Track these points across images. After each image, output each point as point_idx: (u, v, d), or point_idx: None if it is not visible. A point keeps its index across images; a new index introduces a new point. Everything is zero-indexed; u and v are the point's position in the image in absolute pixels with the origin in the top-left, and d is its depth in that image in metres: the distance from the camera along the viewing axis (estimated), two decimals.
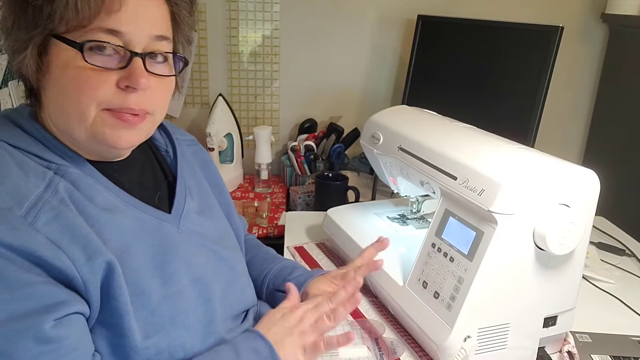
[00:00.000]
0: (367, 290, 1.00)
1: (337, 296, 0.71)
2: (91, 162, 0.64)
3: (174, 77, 0.66)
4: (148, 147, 0.78)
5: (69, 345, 0.53)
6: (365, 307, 0.95)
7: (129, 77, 0.59)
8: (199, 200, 0.78)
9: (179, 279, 0.66)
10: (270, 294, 0.86)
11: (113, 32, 0.58)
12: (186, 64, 0.68)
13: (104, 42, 0.57)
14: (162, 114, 0.67)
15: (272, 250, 0.96)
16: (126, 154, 0.69)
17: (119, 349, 0.58)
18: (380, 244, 0.88)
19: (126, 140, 0.62)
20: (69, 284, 0.55)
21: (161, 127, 0.82)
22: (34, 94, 0.63)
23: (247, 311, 0.81)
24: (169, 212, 0.71)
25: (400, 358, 0.81)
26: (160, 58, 0.63)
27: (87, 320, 0.57)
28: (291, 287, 0.77)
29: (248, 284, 0.82)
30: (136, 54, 0.59)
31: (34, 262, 0.52)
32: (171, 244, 0.67)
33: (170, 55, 0.65)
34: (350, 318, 0.91)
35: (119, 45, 0.58)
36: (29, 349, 0.50)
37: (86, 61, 0.57)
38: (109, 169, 0.66)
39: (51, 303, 0.52)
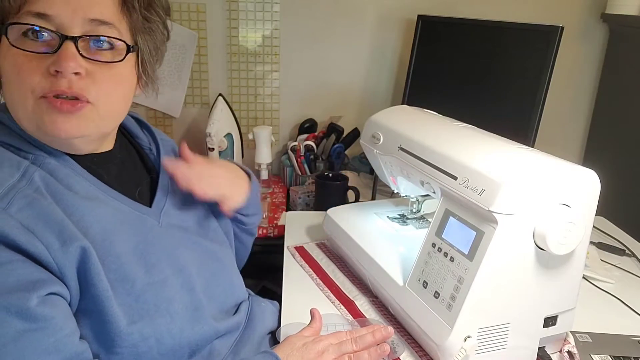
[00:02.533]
0: (367, 290, 1.00)
1: (363, 339, 0.70)
2: (69, 154, 0.64)
3: (122, 65, 0.63)
4: (130, 144, 0.78)
5: (55, 325, 0.53)
6: (365, 307, 0.95)
7: (57, 61, 0.57)
8: (183, 196, 0.78)
9: (162, 269, 0.66)
10: None
11: (42, 15, 0.56)
12: (134, 51, 0.65)
13: (30, 24, 0.56)
14: (111, 105, 0.64)
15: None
16: (86, 147, 0.66)
17: (103, 335, 0.58)
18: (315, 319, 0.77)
19: (64, 129, 0.59)
20: (44, 268, 0.54)
21: (144, 127, 0.83)
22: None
23: (239, 305, 0.81)
24: (150, 207, 0.71)
25: (400, 358, 0.81)
26: (105, 45, 0.61)
27: (69, 305, 0.57)
28: (315, 313, 0.76)
29: (237, 278, 0.83)
30: (67, 37, 0.57)
31: (9, 245, 0.52)
32: (152, 236, 0.68)
33: (121, 43, 0.62)
34: (350, 317, 0.91)
35: (51, 30, 0.57)
36: (13, 326, 0.49)
37: (12, 45, 0.56)
38: (87, 161, 0.66)
39: (32, 280, 0.52)
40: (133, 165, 0.76)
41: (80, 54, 0.59)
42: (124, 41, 0.64)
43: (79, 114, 0.60)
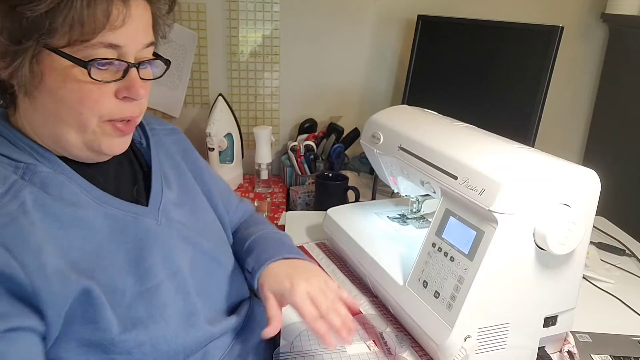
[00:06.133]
0: (367, 290, 1.00)
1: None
2: (64, 159, 0.64)
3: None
4: None
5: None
6: (365, 306, 0.95)
7: (128, 88, 0.60)
8: (179, 190, 0.77)
9: (155, 274, 0.66)
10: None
11: (113, 46, 0.58)
12: (169, 65, 0.69)
13: (108, 58, 0.58)
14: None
15: (270, 228, 0.92)
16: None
17: (95, 342, 0.58)
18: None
19: (119, 147, 0.65)
20: (17, 291, 0.53)
21: None
22: (6, 94, 0.62)
23: (238, 305, 0.80)
24: (147, 205, 0.70)
25: (401, 357, 0.81)
26: (146, 63, 0.63)
27: (46, 334, 0.55)
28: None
29: (236, 276, 0.81)
30: (131, 64, 0.60)
31: None
32: (148, 239, 0.67)
33: (165, 61, 0.66)
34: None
35: (119, 59, 0.59)
36: None
37: (92, 78, 0.57)
38: (83, 165, 0.65)
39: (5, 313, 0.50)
40: (129, 163, 0.75)
41: (139, 77, 0.62)
42: (168, 60, 0.68)
43: (131, 131, 0.65)
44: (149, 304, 0.63)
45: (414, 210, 1.11)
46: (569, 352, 0.84)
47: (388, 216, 1.12)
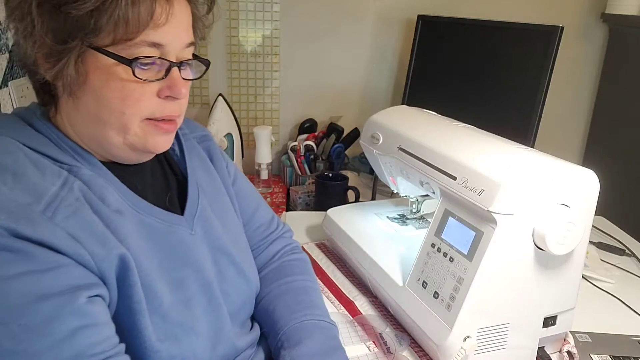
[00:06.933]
0: (367, 290, 1.00)
1: None
2: (104, 163, 0.64)
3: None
4: None
5: (104, 323, 0.54)
6: (365, 307, 0.95)
7: (170, 87, 0.60)
8: (211, 199, 0.75)
9: (188, 286, 0.65)
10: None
11: (156, 45, 0.58)
12: (208, 66, 0.69)
13: (152, 57, 0.58)
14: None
15: (309, 282, 0.83)
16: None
17: (132, 350, 0.58)
18: None
19: (163, 146, 0.64)
20: (91, 273, 0.55)
21: None
22: (47, 94, 0.62)
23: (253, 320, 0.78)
24: (181, 213, 0.69)
25: (402, 354, 0.82)
26: (185, 64, 0.64)
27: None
28: None
29: (256, 289, 0.78)
30: (173, 63, 0.60)
31: (57, 252, 0.52)
32: (182, 249, 0.66)
33: (205, 61, 0.67)
34: (350, 317, 0.91)
35: (161, 58, 0.59)
36: (67, 323, 0.50)
37: (136, 77, 0.57)
38: (121, 171, 0.65)
39: (81, 283, 0.53)
40: (162, 170, 0.74)
41: (182, 77, 0.62)
42: (208, 60, 0.67)
43: (174, 130, 0.65)
44: (182, 316, 0.63)
45: (414, 210, 1.11)
46: (569, 352, 0.84)
47: (388, 216, 1.12)
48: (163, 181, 0.73)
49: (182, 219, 0.68)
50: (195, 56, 0.66)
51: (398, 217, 1.12)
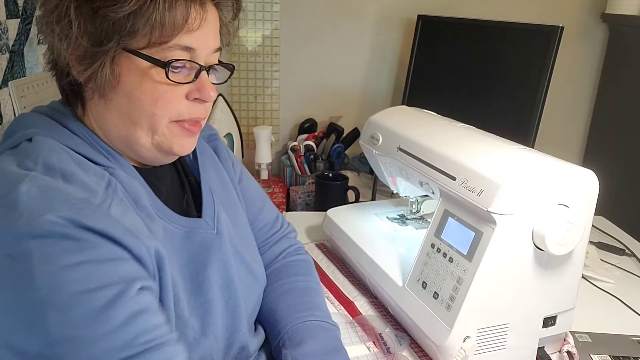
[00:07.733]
0: (366, 290, 1.00)
1: None
2: (134, 167, 0.65)
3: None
4: None
5: (155, 310, 0.54)
6: (365, 307, 0.95)
7: (200, 90, 0.61)
8: (222, 199, 0.76)
9: (209, 287, 0.65)
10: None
11: (188, 49, 0.59)
12: (232, 71, 0.70)
13: (184, 59, 0.59)
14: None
15: (313, 283, 0.83)
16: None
17: None
18: None
19: (189, 147, 0.65)
20: (144, 268, 0.56)
21: None
22: (74, 95, 0.62)
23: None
24: (198, 216, 0.70)
25: (402, 354, 0.82)
26: (212, 68, 0.65)
27: None
28: None
29: (262, 287, 0.79)
30: (203, 67, 0.61)
31: (116, 243, 0.53)
32: (205, 250, 0.67)
33: (230, 67, 0.68)
34: (350, 318, 0.91)
35: (189, 60, 0.60)
36: (125, 309, 0.51)
37: (169, 79, 0.58)
38: (149, 175, 0.66)
39: (137, 276, 0.53)
40: (177, 174, 0.74)
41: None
42: (232, 65, 0.69)
43: (197, 134, 0.66)
44: (202, 321, 0.63)
45: (414, 210, 1.11)
46: (569, 352, 0.84)
47: (388, 217, 1.12)
48: (180, 185, 0.73)
49: (201, 221, 0.69)
50: (220, 62, 0.67)
51: (398, 217, 1.12)
